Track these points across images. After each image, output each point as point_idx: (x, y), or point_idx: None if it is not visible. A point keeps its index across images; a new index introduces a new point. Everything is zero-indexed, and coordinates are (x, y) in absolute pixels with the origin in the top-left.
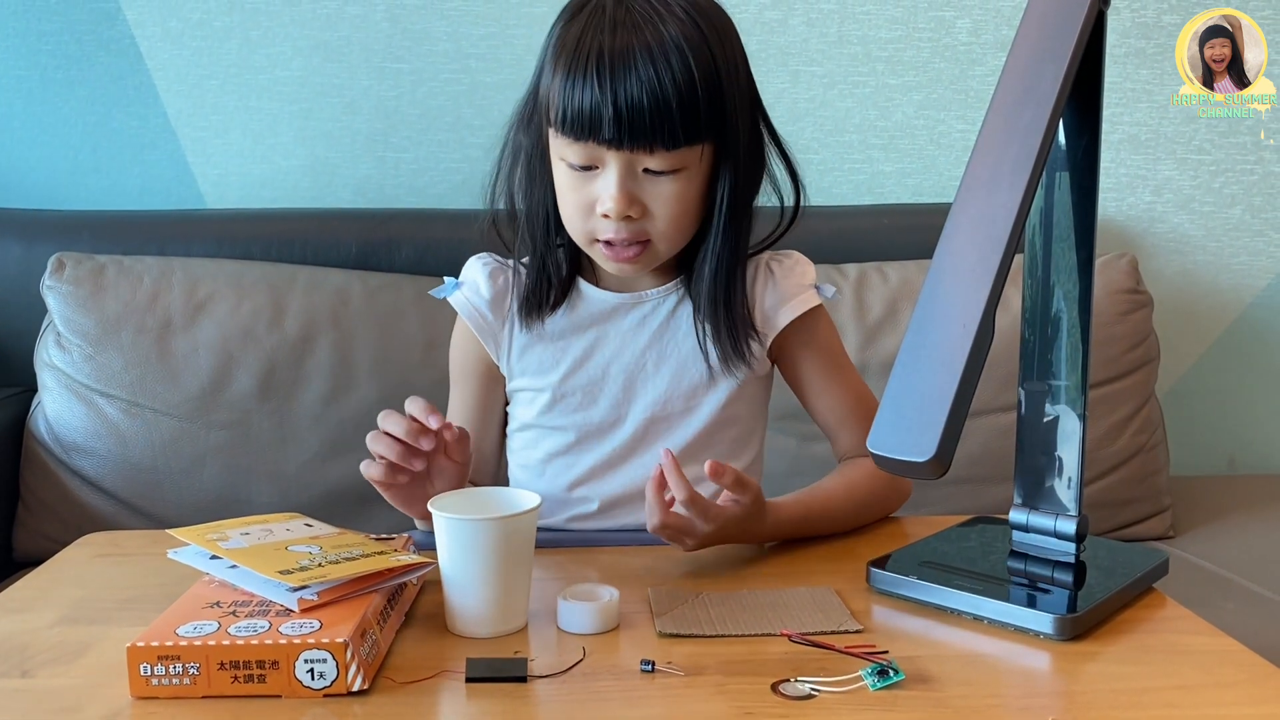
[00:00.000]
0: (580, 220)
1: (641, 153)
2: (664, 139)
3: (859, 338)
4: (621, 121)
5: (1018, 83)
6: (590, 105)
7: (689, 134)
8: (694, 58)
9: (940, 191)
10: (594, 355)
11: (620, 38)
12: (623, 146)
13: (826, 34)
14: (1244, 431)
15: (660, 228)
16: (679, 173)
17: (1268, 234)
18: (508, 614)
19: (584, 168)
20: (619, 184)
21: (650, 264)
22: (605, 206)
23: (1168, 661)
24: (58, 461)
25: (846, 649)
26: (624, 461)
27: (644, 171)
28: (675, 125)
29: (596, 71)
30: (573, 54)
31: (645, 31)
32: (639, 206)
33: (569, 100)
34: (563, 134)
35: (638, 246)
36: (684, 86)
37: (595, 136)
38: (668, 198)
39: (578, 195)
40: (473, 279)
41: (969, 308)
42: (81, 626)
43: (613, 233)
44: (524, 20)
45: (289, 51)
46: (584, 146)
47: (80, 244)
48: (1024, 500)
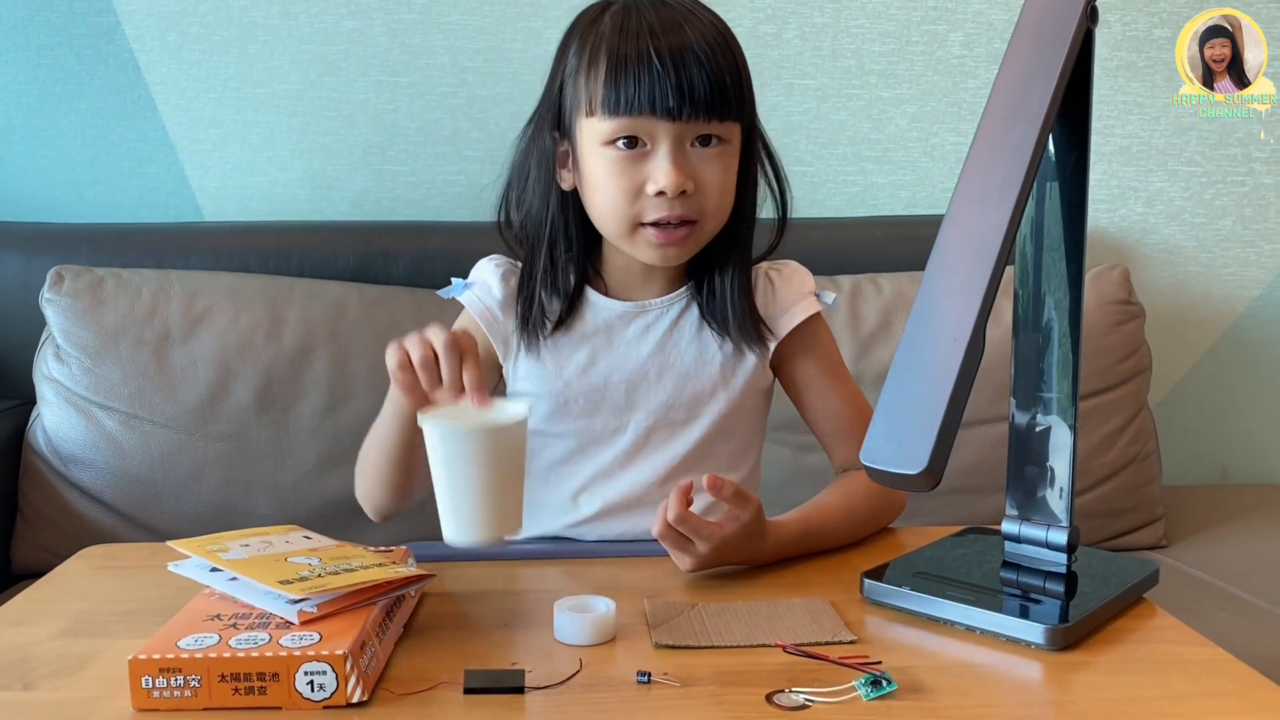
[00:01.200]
0: (627, 205)
1: (697, 121)
2: (718, 107)
3: (853, 349)
4: (683, 88)
5: (1007, 99)
6: (650, 77)
7: (737, 106)
8: (726, 34)
9: (933, 203)
10: (597, 363)
11: (667, 14)
12: (680, 115)
13: (820, 47)
14: (1236, 441)
15: (708, 204)
16: (724, 146)
17: (1258, 245)
18: (499, 520)
19: (630, 144)
20: (673, 159)
21: (693, 249)
22: (661, 183)
23: (1158, 671)
24: (56, 474)
25: (840, 660)
26: (624, 469)
27: (691, 146)
28: (728, 93)
29: (652, 44)
30: (616, 35)
31: (681, 10)
32: (692, 181)
33: (624, 79)
34: (615, 115)
35: (686, 228)
36: (730, 59)
37: (656, 108)
38: (715, 174)
39: (624, 180)
40: (484, 279)
41: (960, 321)
42: (83, 639)
43: (666, 210)
44: (521, 34)
45: (287, 65)
46: (636, 122)
47: (79, 257)
48: (1016, 511)
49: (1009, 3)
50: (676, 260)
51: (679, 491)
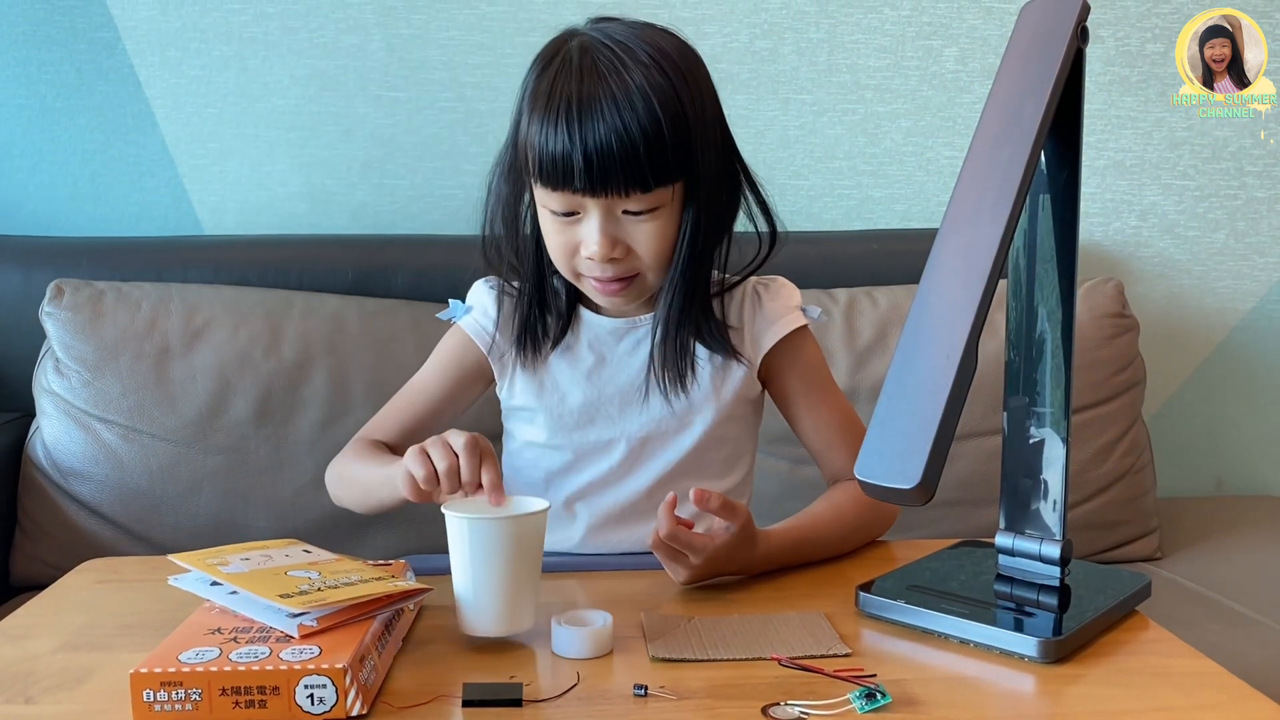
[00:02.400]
0: (567, 261)
1: (616, 198)
2: (636, 183)
3: (849, 362)
4: (593, 170)
5: (999, 118)
6: (562, 155)
7: (659, 176)
8: (659, 102)
9: (928, 217)
10: (591, 378)
11: (586, 87)
12: (597, 194)
13: (816, 62)
14: (1231, 453)
15: (646, 263)
16: (656, 211)
17: (1251, 258)
18: (518, 613)
19: (566, 214)
20: (600, 229)
21: (641, 294)
22: (589, 250)
23: (1149, 684)
24: (55, 487)
25: (835, 672)
26: (619, 480)
27: (624, 214)
28: (644, 169)
29: (566, 121)
30: (545, 104)
31: (610, 81)
32: (621, 247)
33: (544, 151)
34: (541, 184)
35: (624, 281)
36: (651, 131)
37: (569, 186)
38: (648, 235)
39: (562, 239)
40: (481, 302)
41: (953, 338)
42: (84, 653)
43: (598, 271)
44: (519, 49)
45: (286, 80)
46: (562, 195)
47: (79, 270)
48: (1009, 524)
49: (1003, 18)
50: (628, 304)
51: (666, 506)
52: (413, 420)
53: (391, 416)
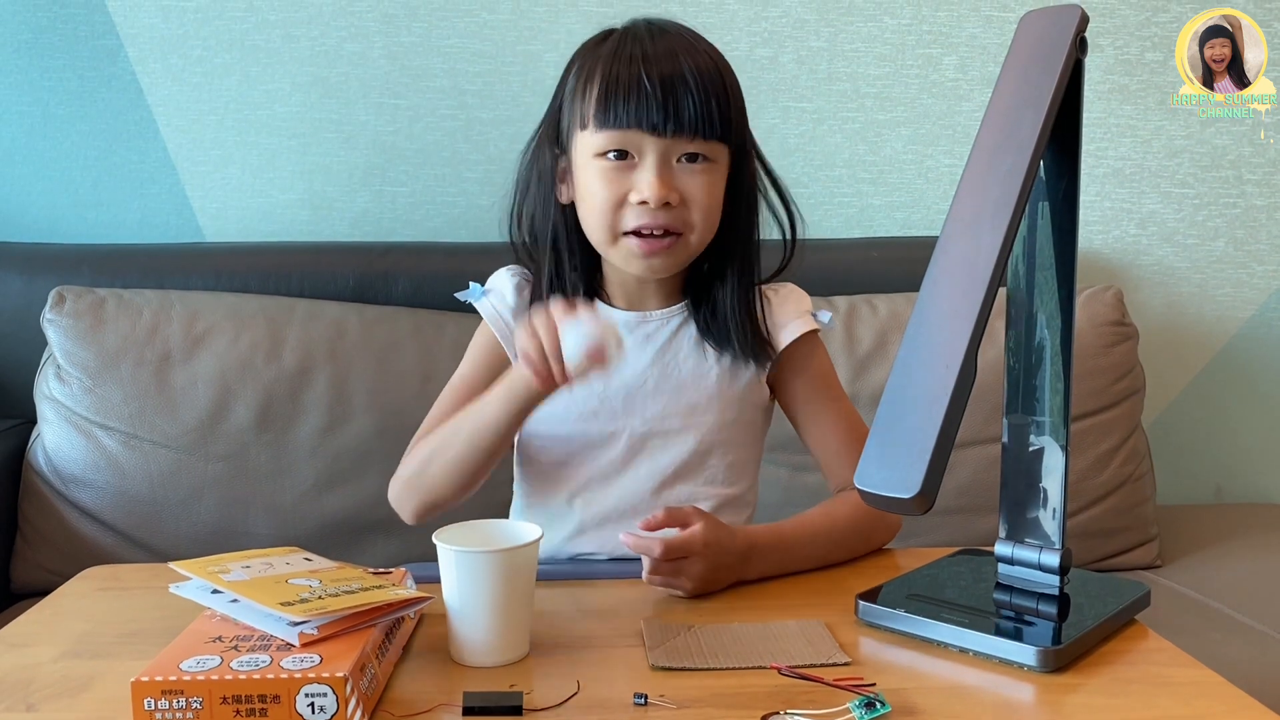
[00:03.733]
0: (611, 214)
1: (681, 138)
2: (703, 126)
3: (849, 369)
4: (669, 105)
5: (999, 128)
6: (639, 92)
7: (723, 126)
8: (719, 62)
9: (928, 224)
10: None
11: (660, 42)
12: (666, 131)
13: (816, 71)
14: (1230, 460)
15: (692, 217)
16: (710, 164)
17: (1250, 266)
18: (511, 643)
19: (619, 156)
20: (657, 171)
21: (679, 260)
22: (644, 194)
23: (1148, 694)
24: (56, 493)
25: (835, 681)
26: (618, 475)
27: (677, 162)
28: (714, 114)
29: (643, 64)
30: (612, 58)
31: (679, 38)
32: (676, 194)
33: (613, 92)
34: (603, 127)
35: (670, 238)
36: (720, 83)
37: (642, 122)
38: (699, 189)
39: (611, 189)
40: (500, 288)
41: (952, 347)
42: (85, 660)
43: (649, 218)
44: (520, 58)
45: (288, 87)
46: (624, 134)
47: (80, 277)
48: (1009, 533)
49: (1003, 27)
50: (663, 272)
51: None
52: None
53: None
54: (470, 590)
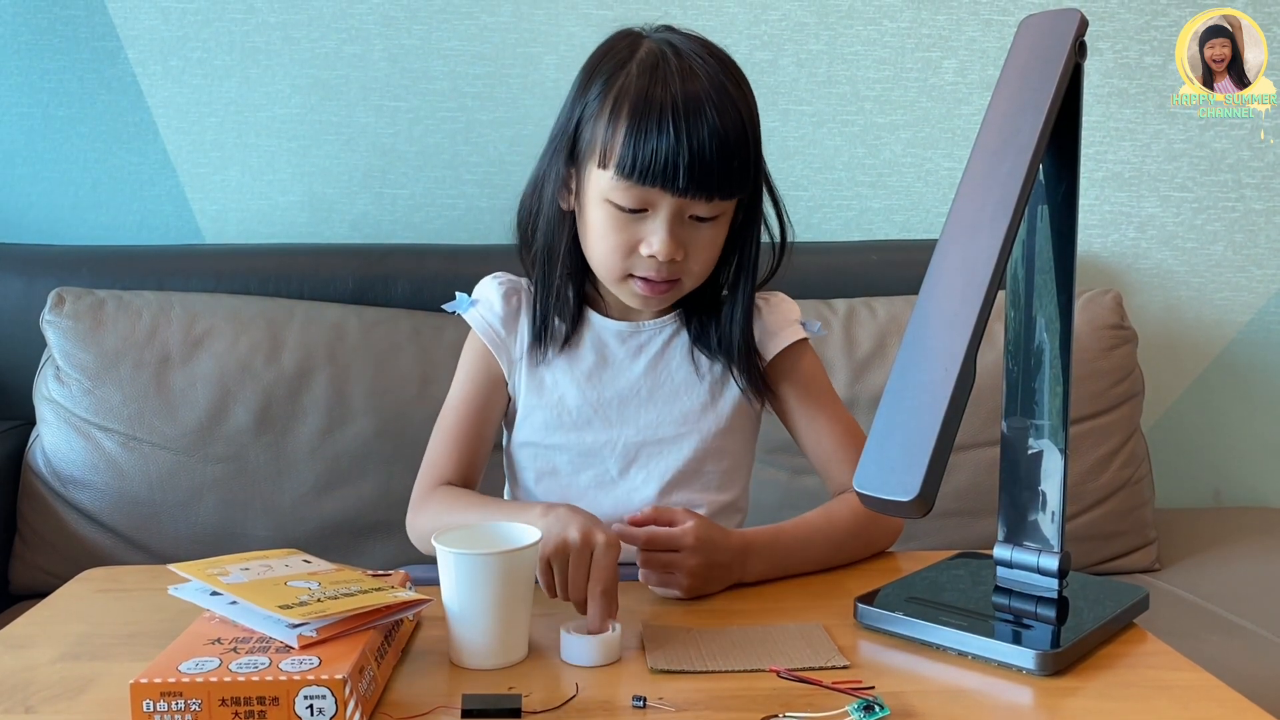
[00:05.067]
0: (619, 259)
1: (700, 200)
2: (723, 188)
3: (848, 372)
4: (695, 170)
5: (998, 132)
6: (665, 154)
7: (740, 184)
8: (743, 110)
9: (927, 227)
10: (593, 379)
11: (689, 87)
12: (687, 194)
13: (816, 74)
14: (1229, 464)
15: (693, 269)
16: (717, 219)
17: (1249, 270)
18: (510, 646)
19: (634, 211)
20: (669, 229)
21: (673, 300)
22: (654, 249)
23: (1146, 697)
24: (55, 495)
25: (834, 685)
26: (614, 484)
27: (690, 218)
28: (733, 175)
29: (672, 121)
30: (642, 101)
31: (710, 85)
32: (683, 250)
33: (640, 147)
34: (625, 178)
35: (669, 284)
36: (742, 138)
37: (665, 184)
38: (705, 243)
39: (621, 236)
40: (487, 297)
41: (951, 351)
42: (84, 662)
43: (654, 271)
44: (520, 60)
45: (288, 90)
46: (643, 191)
47: (80, 279)
48: (1008, 536)
49: (1002, 30)
50: (657, 307)
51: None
52: (467, 448)
53: (444, 453)
54: (469, 593)
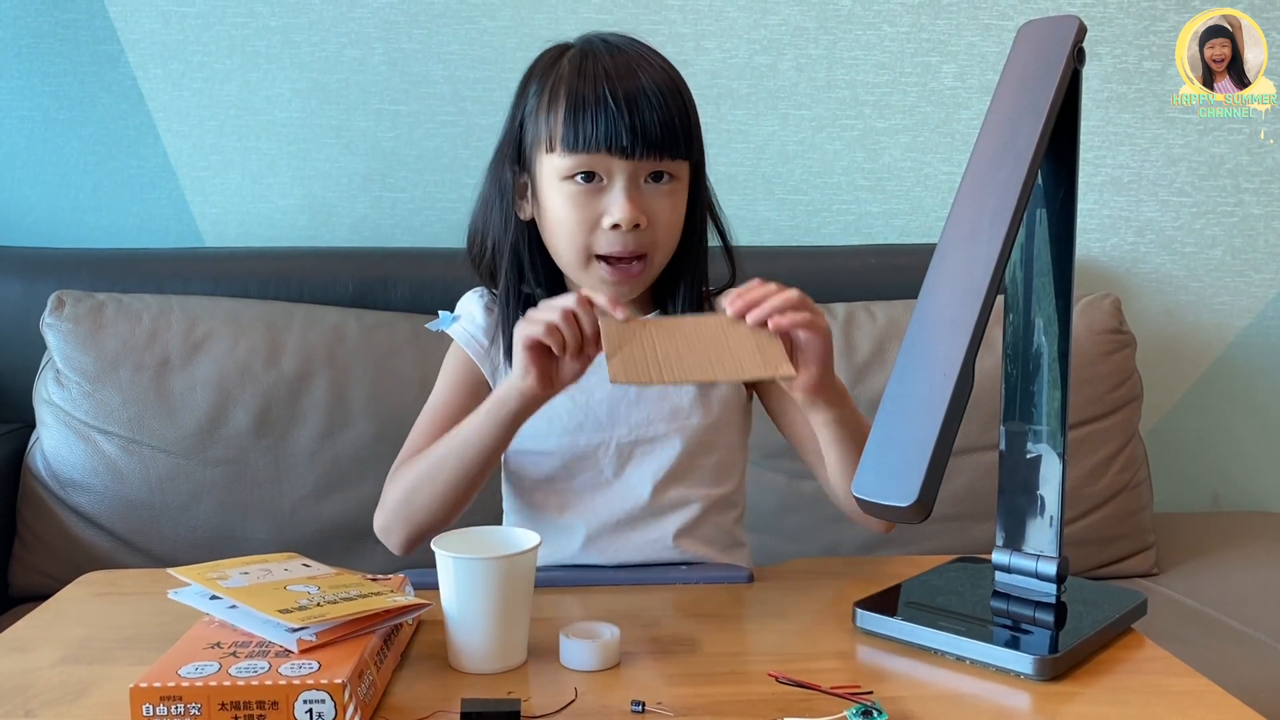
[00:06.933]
0: (583, 237)
1: (649, 159)
2: (669, 146)
3: (847, 377)
4: (636, 129)
5: (996, 138)
6: (606, 120)
7: (686, 145)
8: (675, 75)
9: (926, 232)
10: (580, 383)
11: (622, 60)
12: (634, 153)
13: (815, 78)
14: (1227, 468)
15: (659, 237)
16: (674, 183)
17: (1248, 274)
18: (509, 650)
19: (587, 179)
20: (627, 195)
21: (644, 284)
22: (616, 216)
23: (1145, 702)
24: (55, 498)
25: (832, 690)
26: (609, 485)
27: (644, 182)
28: (678, 134)
29: (609, 87)
30: (575, 79)
31: (637, 55)
32: (644, 216)
33: (581, 119)
34: (572, 152)
35: (639, 263)
36: (679, 103)
37: (612, 147)
38: (666, 207)
39: (581, 213)
40: (470, 311)
41: (950, 355)
42: (83, 666)
43: (619, 245)
44: (520, 64)
45: (288, 93)
46: (593, 157)
47: (80, 282)
48: (1006, 541)
49: (1001, 35)
50: (630, 295)
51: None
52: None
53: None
54: (468, 597)
